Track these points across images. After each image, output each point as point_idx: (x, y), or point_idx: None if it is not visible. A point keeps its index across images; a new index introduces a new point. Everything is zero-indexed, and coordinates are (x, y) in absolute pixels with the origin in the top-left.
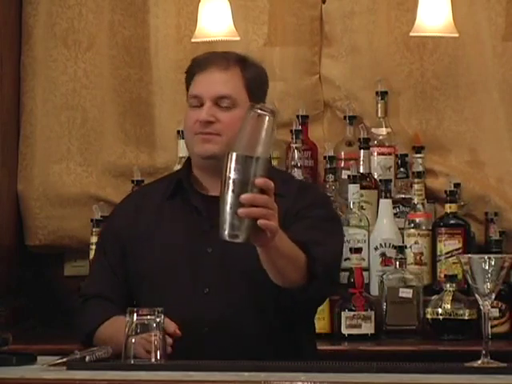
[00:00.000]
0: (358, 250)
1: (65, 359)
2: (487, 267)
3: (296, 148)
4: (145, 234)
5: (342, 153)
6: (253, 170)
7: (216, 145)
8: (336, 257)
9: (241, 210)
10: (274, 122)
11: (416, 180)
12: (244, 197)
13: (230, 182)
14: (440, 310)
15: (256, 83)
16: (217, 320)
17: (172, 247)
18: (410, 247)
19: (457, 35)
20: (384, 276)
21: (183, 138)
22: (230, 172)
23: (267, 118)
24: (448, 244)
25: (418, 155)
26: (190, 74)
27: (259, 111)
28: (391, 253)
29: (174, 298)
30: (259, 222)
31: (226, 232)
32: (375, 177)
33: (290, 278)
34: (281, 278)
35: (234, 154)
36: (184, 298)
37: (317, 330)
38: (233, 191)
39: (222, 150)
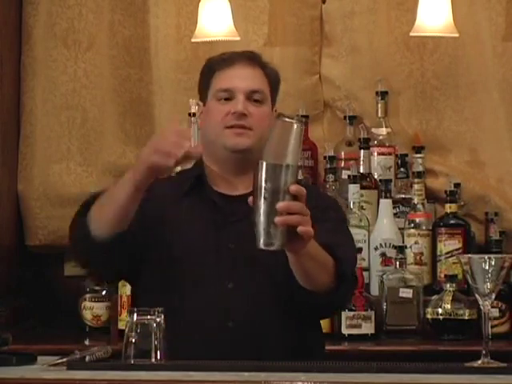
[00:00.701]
0: (358, 250)
1: (65, 359)
2: (487, 267)
3: None
4: (168, 224)
5: (342, 153)
6: (284, 178)
7: (248, 139)
8: (356, 258)
9: (277, 219)
10: (302, 130)
11: (416, 180)
12: (280, 205)
13: (262, 190)
14: (440, 310)
15: (276, 82)
16: (241, 315)
17: (194, 242)
18: (410, 247)
19: (457, 35)
20: (384, 276)
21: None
22: (261, 181)
23: (295, 125)
24: (448, 244)
25: (418, 155)
26: (210, 71)
27: (287, 119)
28: (391, 253)
29: (198, 292)
30: (299, 229)
31: (262, 240)
32: (375, 177)
33: (319, 280)
34: (310, 281)
35: (265, 163)
36: (209, 292)
37: None
38: (265, 200)
39: (254, 144)
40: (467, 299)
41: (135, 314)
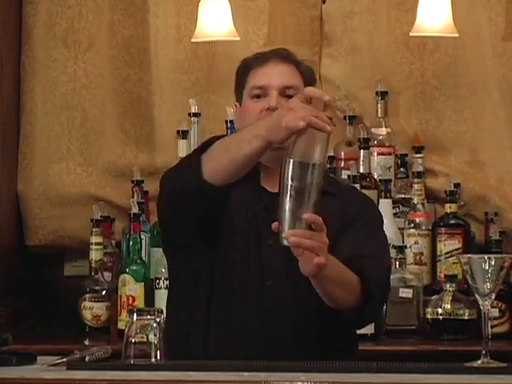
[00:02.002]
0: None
1: (65, 359)
2: (487, 267)
3: None
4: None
5: (342, 153)
6: (310, 177)
7: None
8: (388, 269)
9: (292, 239)
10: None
11: (416, 180)
12: (290, 233)
13: (288, 188)
14: (440, 310)
15: (310, 79)
16: (279, 314)
17: (240, 235)
18: (410, 247)
19: (457, 35)
20: None
21: (183, 138)
22: (287, 179)
23: None
24: (448, 244)
25: (418, 155)
26: (245, 70)
27: None
28: (391, 253)
29: (238, 288)
30: (315, 260)
31: (283, 236)
32: (375, 177)
33: (343, 300)
34: (334, 301)
35: (291, 161)
36: (248, 289)
37: None
38: (291, 197)
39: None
40: (467, 299)
41: (135, 314)
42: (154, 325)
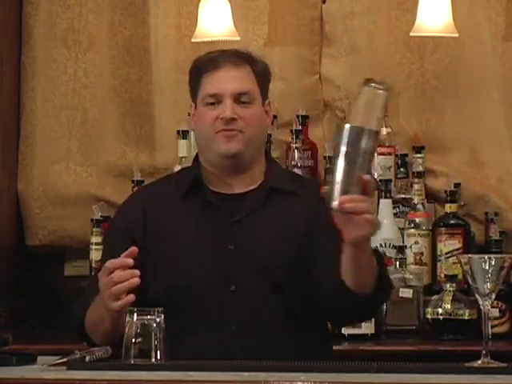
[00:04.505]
0: None
1: (65, 359)
2: (487, 267)
3: (296, 148)
4: (165, 234)
5: None
6: (364, 142)
7: (239, 143)
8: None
9: (348, 205)
10: (387, 98)
11: (416, 180)
12: (344, 198)
13: (342, 152)
14: (440, 310)
15: (265, 78)
16: (244, 318)
17: (196, 246)
18: (410, 247)
19: (457, 35)
20: None
21: (184, 138)
22: (341, 143)
23: (381, 92)
24: (448, 244)
25: (418, 155)
26: (198, 73)
27: (374, 85)
28: (391, 253)
29: (201, 296)
30: (365, 216)
31: (335, 201)
32: (375, 177)
33: (365, 282)
34: (358, 281)
35: (348, 126)
36: (212, 296)
37: None
38: (344, 161)
39: (245, 147)
40: (467, 299)
41: (135, 314)
42: (154, 325)
